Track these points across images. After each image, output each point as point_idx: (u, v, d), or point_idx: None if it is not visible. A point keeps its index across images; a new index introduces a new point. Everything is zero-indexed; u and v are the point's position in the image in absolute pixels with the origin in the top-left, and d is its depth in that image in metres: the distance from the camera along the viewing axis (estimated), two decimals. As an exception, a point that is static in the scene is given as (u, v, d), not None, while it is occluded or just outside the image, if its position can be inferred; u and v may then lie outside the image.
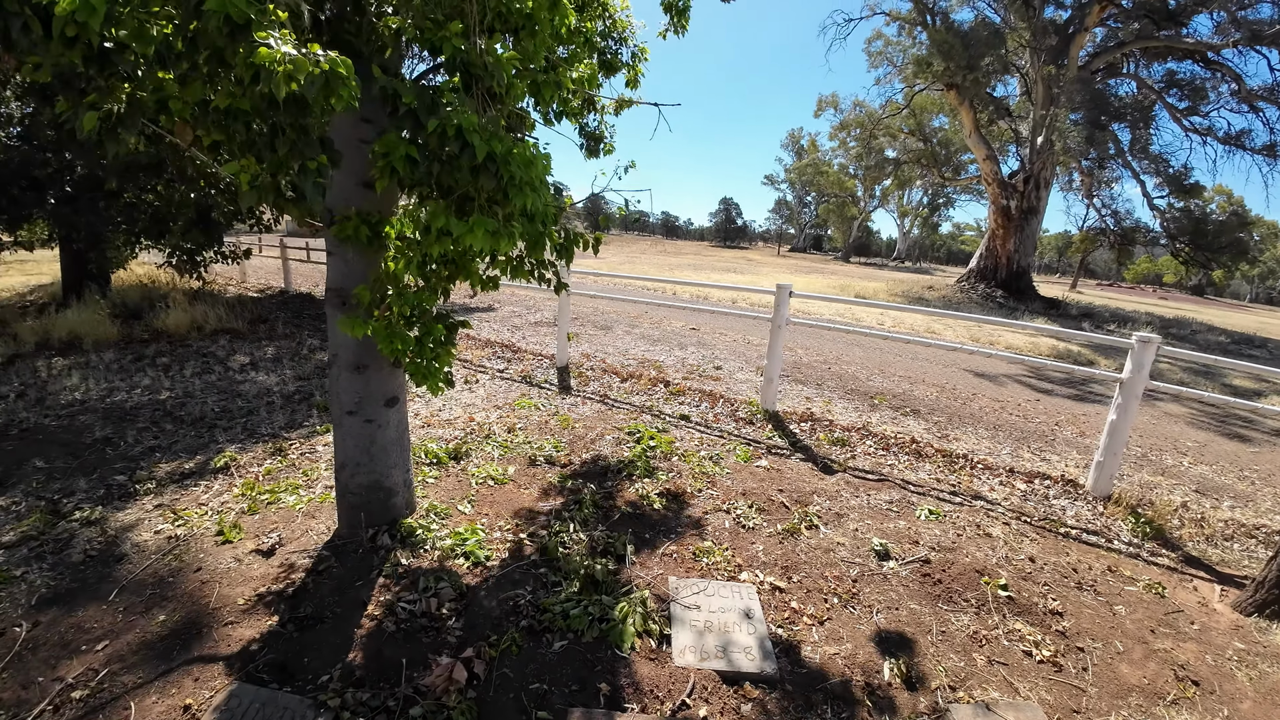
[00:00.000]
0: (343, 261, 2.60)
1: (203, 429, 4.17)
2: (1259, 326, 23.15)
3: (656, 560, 2.89)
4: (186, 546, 2.75)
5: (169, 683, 1.98)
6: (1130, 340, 4.01)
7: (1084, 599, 2.90)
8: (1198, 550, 3.58)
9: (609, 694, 2.02)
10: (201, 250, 8.09)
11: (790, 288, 5.15)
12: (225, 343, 6.55)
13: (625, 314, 10.91)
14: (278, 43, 1.42)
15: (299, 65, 1.41)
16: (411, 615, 2.31)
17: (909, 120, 23.98)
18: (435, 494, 3.38)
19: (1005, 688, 2.26)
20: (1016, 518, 3.74)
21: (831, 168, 50.02)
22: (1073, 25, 16.46)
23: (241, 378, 5.36)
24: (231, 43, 1.39)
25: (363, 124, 2.44)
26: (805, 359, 8.15)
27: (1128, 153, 17.35)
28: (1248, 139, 16.07)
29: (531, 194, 2.03)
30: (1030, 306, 17.24)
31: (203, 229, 7.54)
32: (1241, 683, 2.41)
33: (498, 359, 6.77)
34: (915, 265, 56.38)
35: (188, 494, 3.26)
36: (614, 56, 4.02)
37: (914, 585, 2.90)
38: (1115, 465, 4.15)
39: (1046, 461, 4.87)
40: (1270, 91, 15.05)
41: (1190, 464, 5.30)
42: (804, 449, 4.60)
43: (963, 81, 16.47)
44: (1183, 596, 3.05)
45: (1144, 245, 20.83)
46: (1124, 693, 2.30)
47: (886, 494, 3.91)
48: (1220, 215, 20.13)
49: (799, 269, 32.30)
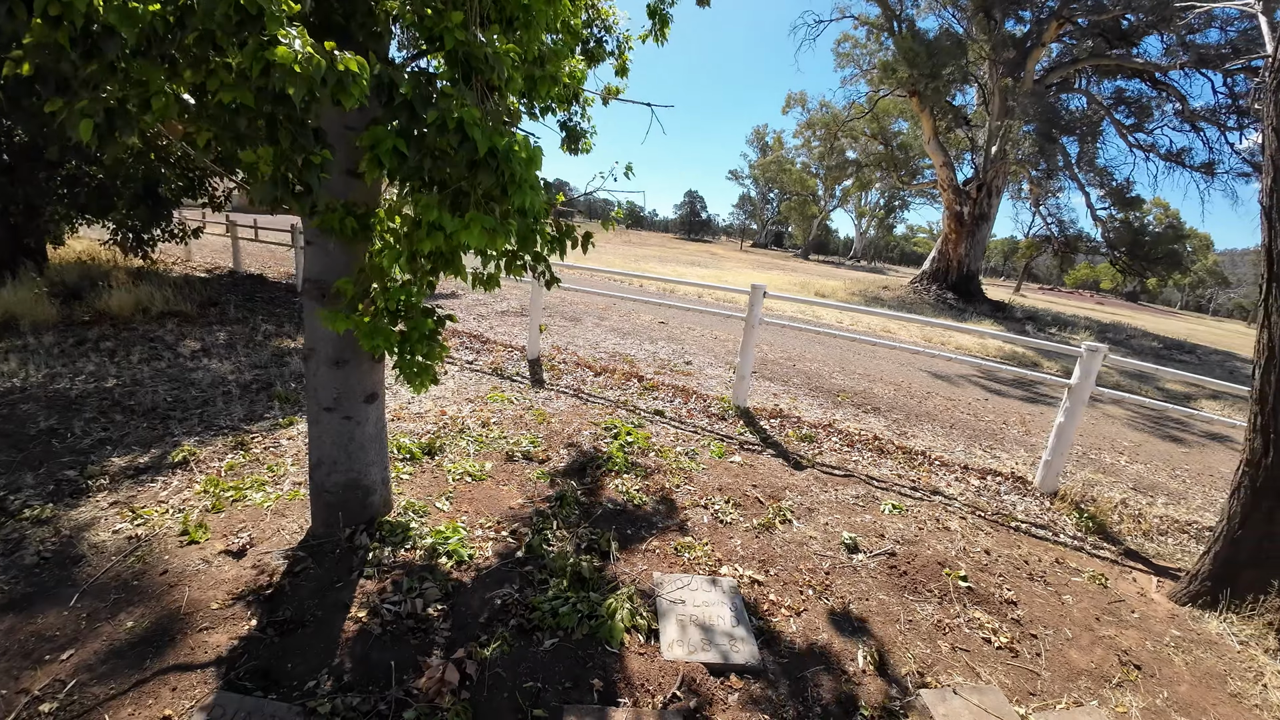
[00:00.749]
0: (324, 252, 2.51)
1: (155, 420, 3.94)
2: (1189, 332, 25.01)
3: (640, 556, 2.93)
4: (149, 547, 2.62)
5: (144, 693, 1.89)
6: (1079, 348, 4.28)
7: (1035, 589, 3.11)
8: (1136, 544, 3.88)
9: (602, 690, 2.05)
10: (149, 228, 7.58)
11: (765, 288, 5.26)
12: (173, 327, 6.19)
13: (593, 306, 10.88)
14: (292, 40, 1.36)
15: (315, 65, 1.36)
16: (397, 617, 2.28)
17: (871, 123, 24.64)
18: (411, 491, 3.32)
19: (968, 672, 2.42)
20: (972, 512, 3.96)
21: (795, 166, 50.94)
22: (1030, 40, 17.24)
23: (193, 365, 5.09)
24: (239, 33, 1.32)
25: (350, 111, 2.35)
26: (771, 356, 8.34)
27: (1075, 165, 18.38)
28: (1188, 156, 17.22)
29: (531, 192, 2.01)
30: (979, 309, 18.10)
31: (150, 205, 7.07)
32: (1179, 667, 2.64)
33: (466, 349, 6.65)
34: (871, 265, 58.20)
35: (145, 490, 3.09)
36: (598, 45, 3.99)
37: (882, 577, 3.05)
38: (1061, 464, 4.44)
39: (997, 459, 5.16)
40: (1212, 113, 16.19)
41: (1128, 463, 5.72)
42: (774, 445, 4.73)
43: (925, 89, 17.03)
44: (1124, 587, 3.31)
45: (1085, 253, 22.18)
46: (1074, 676, 2.49)
47: (853, 489, 4.07)
48: (1158, 227, 21.62)
49: (761, 265, 32.85)
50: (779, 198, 63.48)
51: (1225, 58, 14.59)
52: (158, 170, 6.76)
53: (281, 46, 1.35)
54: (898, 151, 25.96)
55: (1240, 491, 3.07)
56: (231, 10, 1.30)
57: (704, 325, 10.20)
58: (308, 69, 1.35)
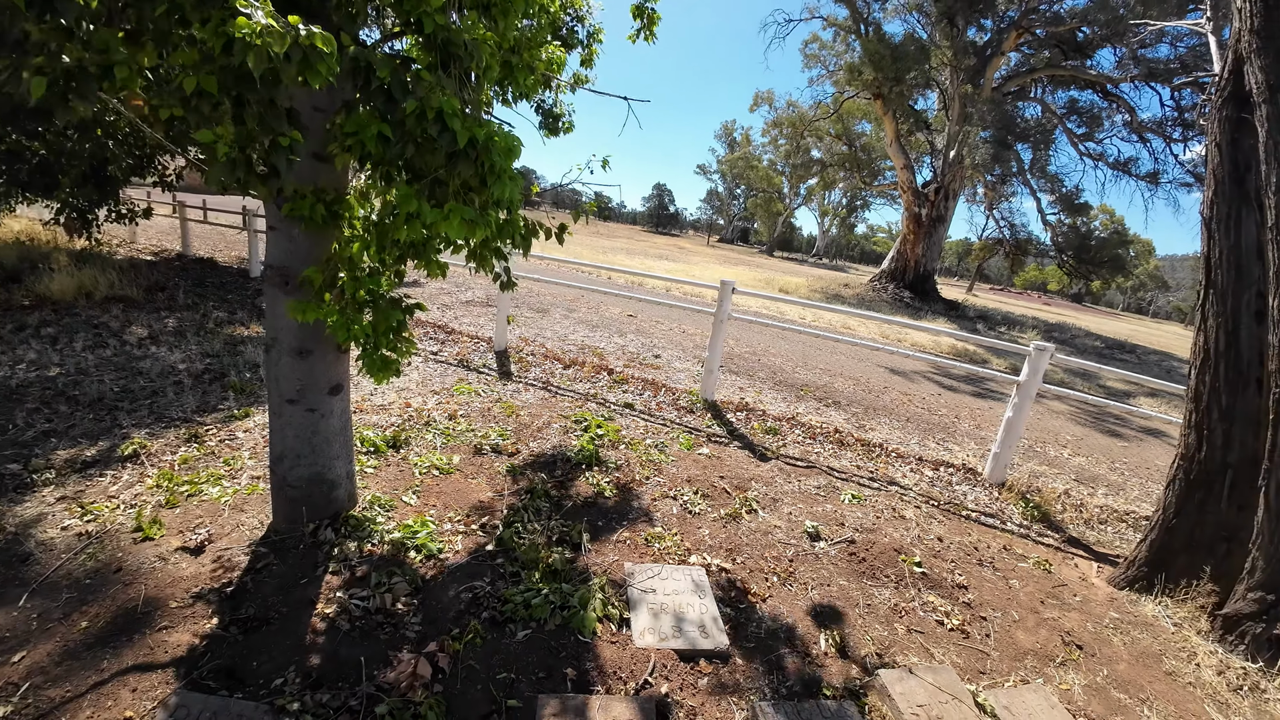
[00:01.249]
0: (287, 239, 2.43)
1: (103, 411, 3.75)
2: (1129, 333, 26.54)
3: (611, 547, 2.97)
4: (101, 544, 2.50)
5: (103, 694, 1.81)
6: (1026, 347, 4.51)
7: (985, 574, 3.29)
8: (1078, 532, 4.14)
9: (575, 678, 2.08)
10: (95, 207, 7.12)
11: (734, 284, 5.35)
12: (119, 312, 5.86)
13: (562, 297, 10.81)
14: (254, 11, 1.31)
15: (277, 39, 1.32)
16: (366, 612, 2.25)
17: (836, 124, 25.14)
18: (377, 485, 3.26)
19: (923, 653, 2.55)
20: (926, 501, 4.15)
21: (761, 163, 51.58)
22: (990, 48, 17.90)
23: (141, 353, 4.84)
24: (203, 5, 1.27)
25: (320, 91, 2.28)
26: (737, 350, 8.48)
27: (1028, 171, 19.26)
28: (1134, 166, 18.25)
29: (510, 184, 2.00)
30: (933, 307, 18.79)
31: (96, 183, 6.64)
32: (1118, 647, 2.84)
33: (430, 340, 6.53)
34: (833, 263, 59.60)
35: (94, 485, 2.94)
36: (570, 33, 3.97)
37: (842, 563, 3.17)
38: (1009, 456, 4.69)
39: (949, 451, 5.40)
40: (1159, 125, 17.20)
41: (1070, 456, 6.07)
42: (741, 437, 4.83)
43: (889, 92, 17.48)
44: (1066, 572, 3.53)
45: (1035, 256, 23.26)
46: (1021, 655, 2.65)
47: (815, 480, 4.20)
48: (1103, 233, 22.85)
49: (728, 260, 33.19)
50: (746, 194, 64.19)
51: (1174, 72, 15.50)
52: (105, 146, 6.36)
53: (241, 17, 1.30)
54: (861, 153, 26.59)
55: (1175, 483, 3.30)
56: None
57: (673, 319, 10.27)
58: (268, 42, 1.31)
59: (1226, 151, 3.16)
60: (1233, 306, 3.12)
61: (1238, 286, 3.12)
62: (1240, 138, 3.12)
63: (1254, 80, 2.91)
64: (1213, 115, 3.24)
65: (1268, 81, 2.84)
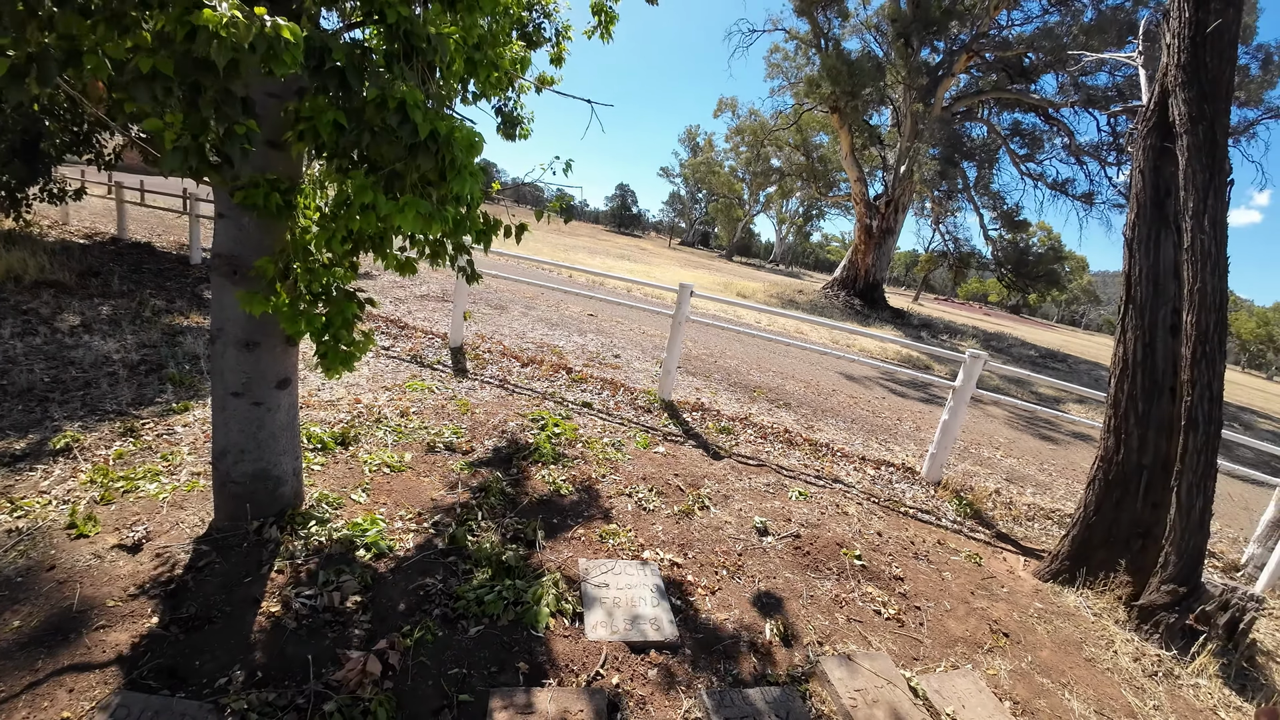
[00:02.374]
0: (237, 227, 2.36)
1: (32, 402, 3.52)
2: (1062, 343, 28.28)
3: (566, 544, 3.00)
4: (33, 542, 2.36)
5: (38, 695, 1.74)
6: (964, 355, 4.80)
7: (920, 567, 3.50)
8: (1007, 528, 4.43)
9: (528, 672, 2.11)
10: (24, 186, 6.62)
11: (692, 288, 5.46)
12: (49, 298, 5.48)
13: (521, 294, 10.73)
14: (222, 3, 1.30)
15: (243, 29, 1.31)
16: (313, 610, 2.21)
17: (796, 135, 25.83)
18: (324, 483, 3.19)
19: (861, 641, 2.70)
20: (867, 498, 4.36)
21: (723, 169, 52.36)
22: (942, 69, 18.77)
23: (73, 342, 4.56)
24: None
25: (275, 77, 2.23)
26: (695, 352, 8.63)
27: (972, 188, 20.31)
28: (1071, 187, 19.44)
29: (470, 179, 2.01)
30: (881, 315, 19.57)
31: (26, 161, 6.17)
32: (1041, 635, 3.06)
33: (382, 335, 6.38)
34: (788, 269, 60.96)
35: (23, 479, 2.77)
36: (536, 30, 3.96)
37: (788, 557, 3.31)
38: (945, 456, 4.97)
39: (890, 451, 5.68)
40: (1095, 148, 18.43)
41: (1003, 457, 6.47)
42: (696, 436, 4.95)
43: (845, 106, 18.08)
44: (995, 565, 3.77)
45: (977, 268, 24.53)
46: (952, 643, 2.84)
47: (765, 477, 4.35)
48: (1041, 248, 24.26)
49: (688, 263, 33.58)
50: (707, 198, 65.03)
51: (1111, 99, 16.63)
52: (39, 121, 5.93)
53: (207, 9, 1.29)
54: (818, 164, 27.40)
55: (1095, 483, 3.58)
56: None
57: (633, 319, 10.35)
58: (233, 33, 1.30)
59: (1149, 178, 3.44)
60: (1150, 320, 3.40)
61: (1155, 302, 3.40)
62: (1162, 165, 3.39)
63: (1177, 112, 3.18)
64: (1138, 144, 3.51)
65: (1189, 114, 3.11)
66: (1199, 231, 3.04)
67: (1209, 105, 3.06)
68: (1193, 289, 3.09)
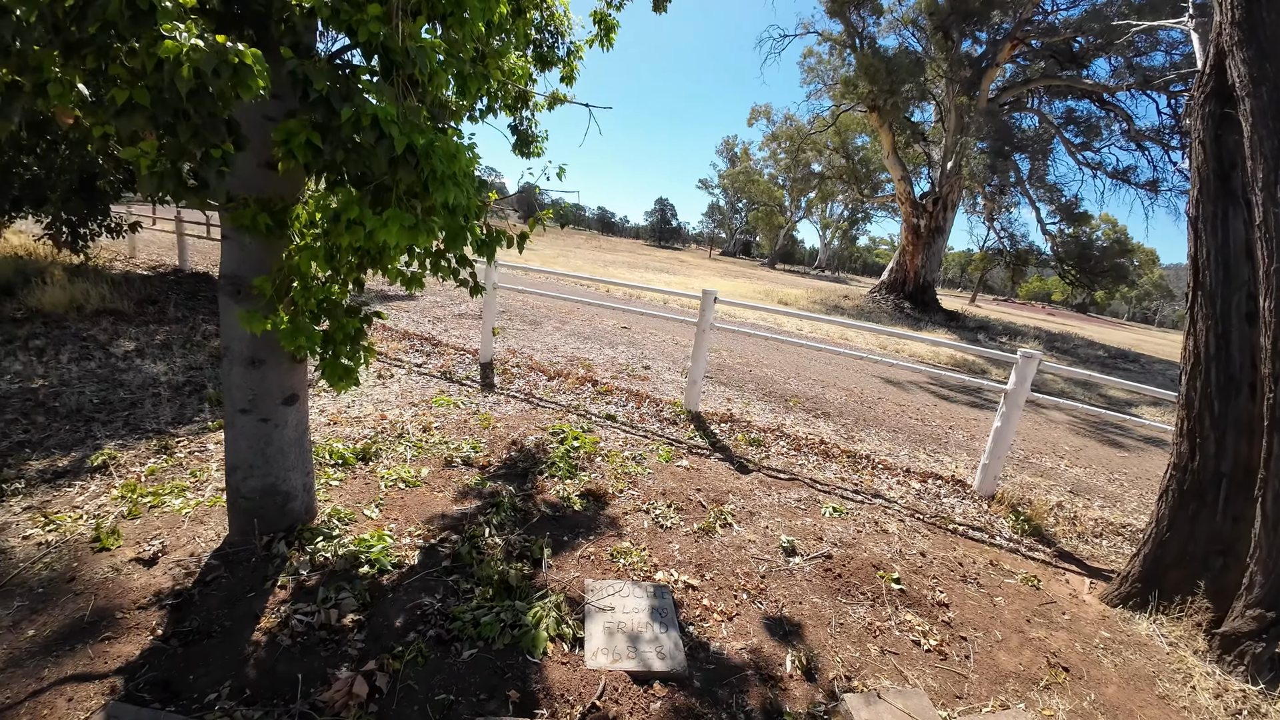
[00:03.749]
0: (239, 247, 2.41)
1: (79, 422, 3.73)
2: (1134, 343, 26.26)
3: (574, 562, 2.89)
4: (59, 554, 2.47)
5: (40, 703, 1.78)
6: (1015, 355, 4.43)
7: (968, 591, 3.18)
8: (1070, 546, 4.01)
9: (519, 701, 2.00)
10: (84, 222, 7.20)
11: (715, 293, 5.30)
12: (108, 325, 5.88)
13: (556, 310, 10.80)
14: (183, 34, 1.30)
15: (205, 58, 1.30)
16: (309, 628, 2.18)
17: (834, 137, 25.25)
18: (339, 498, 3.21)
19: (895, 676, 2.44)
20: (911, 515, 4.05)
21: (762, 177, 51.76)
22: (986, 60, 17.95)
23: (125, 365, 4.84)
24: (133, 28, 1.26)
25: (270, 100, 2.26)
26: (729, 361, 8.41)
27: (1026, 181, 19.18)
28: (1133, 174, 17.97)
29: (454, 188, 1.96)
30: (933, 318, 18.67)
31: (85, 198, 6.71)
32: (1107, 669, 2.71)
33: (416, 352, 6.51)
34: (834, 275, 59.52)
35: (61, 495, 2.92)
36: (550, 50, 3.97)
37: (816, 580, 3.07)
38: (999, 467, 4.58)
39: (940, 463, 5.29)
40: (1156, 132, 17.00)
41: (1067, 467, 5.93)
42: (723, 449, 4.75)
43: (884, 105, 17.53)
44: (1056, 589, 3.40)
45: (1036, 266, 23.12)
46: (1002, 679, 2.53)
47: (796, 492, 4.11)
48: (1104, 242, 22.63)
49: (728, 273, 33.23)
50: (747, 207, 64.44)
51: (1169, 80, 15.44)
52: (95, 162, 6.44)
53: (169, 41, 1.29)
54: (859, 165, 26.65)
55: (1168, 494, 3.18)
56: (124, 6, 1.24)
57: (666, 330, 10.23)
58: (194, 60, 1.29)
59: (1210, 149, 3.09)
60: (1222, 308, 3.02)
61: (1226, 288, 3.02)
62: (1224, 134, 3.03)
63: (1236, 74, 2.84)
64: (1196, 113, 3.17)
65: (1250, 75, 2.77)
66: (1271, 205, 2.66)
67: (1270, 65, 2.70)
68: (1269, 270, 2.71)
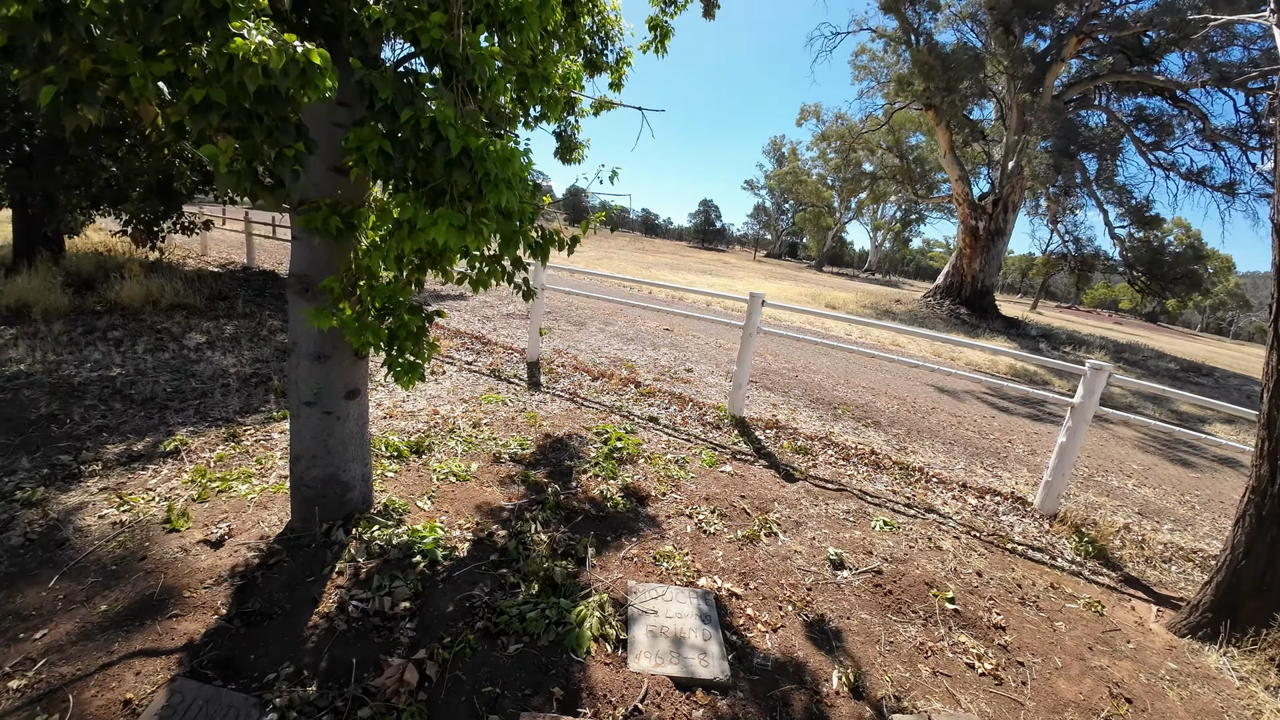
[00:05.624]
0: (308, 248, 2.53)
1: (153, 410, 4.00)
2: (1207, 355, 24.44)
3: (617, 563, 2.90)
4: (131, 533, 2.65)
5: (109, 675, 1.91)
6: (1083, 367, 4.18)
7: (1026, 614, 3.02)
8: (1137, 571, 3.76)
9: (562, 698, 2.02)
10: (159, 220, 7.73)
11: (763, 296, 5.22)
12: (181, 319, 6.30)
13: (600, 311, 10.89)
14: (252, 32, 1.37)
15: (274, 57, 1.37)
16: (364, 614, 2.27)
17: (887, 136, 24.50)
18: (394, 489, 3.32)
19: (947, 699, 2.34)
20: (966, 532, 3.87)
21: (810, 177, 50.73)
22: (1050, 55, 17.05)
23: (196, 357, 5.16)
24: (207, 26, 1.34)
25: (338, 107, 2.37)
26: (774, 366, 8.27)
27: (1093, 182, 18.08)
28: (1208, 176, 16.69)
29: (507, 191, 2.00)
30: (992, 325, 17.83)
31: (161, 197, 7.21)
32: (1173, 702, 2.53)
33: (466, 350, 6.68)
34: (885, 278, 57.76)
35: (135, 478, 3.13)
36: (599, 56, 4.00)
37: (865, 595, 2.98)
38: (1063, 485, 4.33)
39: (998, 478, 5.05)
40: (1234, 132, 15.70)
41: (1135, 486, 5.56)
42: (768, 456, 4.67)
43: (941, 103, 16.90)
44: (1120, 615, 3.19)
45: (1103, 272, 21.78)
46: (1060, 707, 2.40)
47: (844, 504, 4.00)
48: (1177, 247, 21.11)
49: (773, 275, 32.73)
50: (794, 209, 63.28)
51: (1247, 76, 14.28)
52: (172, 164, 6.90)
53: (238, 39, 1.36)
54: (913, 165, 25.77)
55: (1245, 519, 2.96)
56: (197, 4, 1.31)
57: (710, 333, 10.16)
58: (263, 60, 1.36)
59: (1299, 152, 2.85)
60: (1309, 321, 2.79)
61: None
62: (1311, 136, 2.79)
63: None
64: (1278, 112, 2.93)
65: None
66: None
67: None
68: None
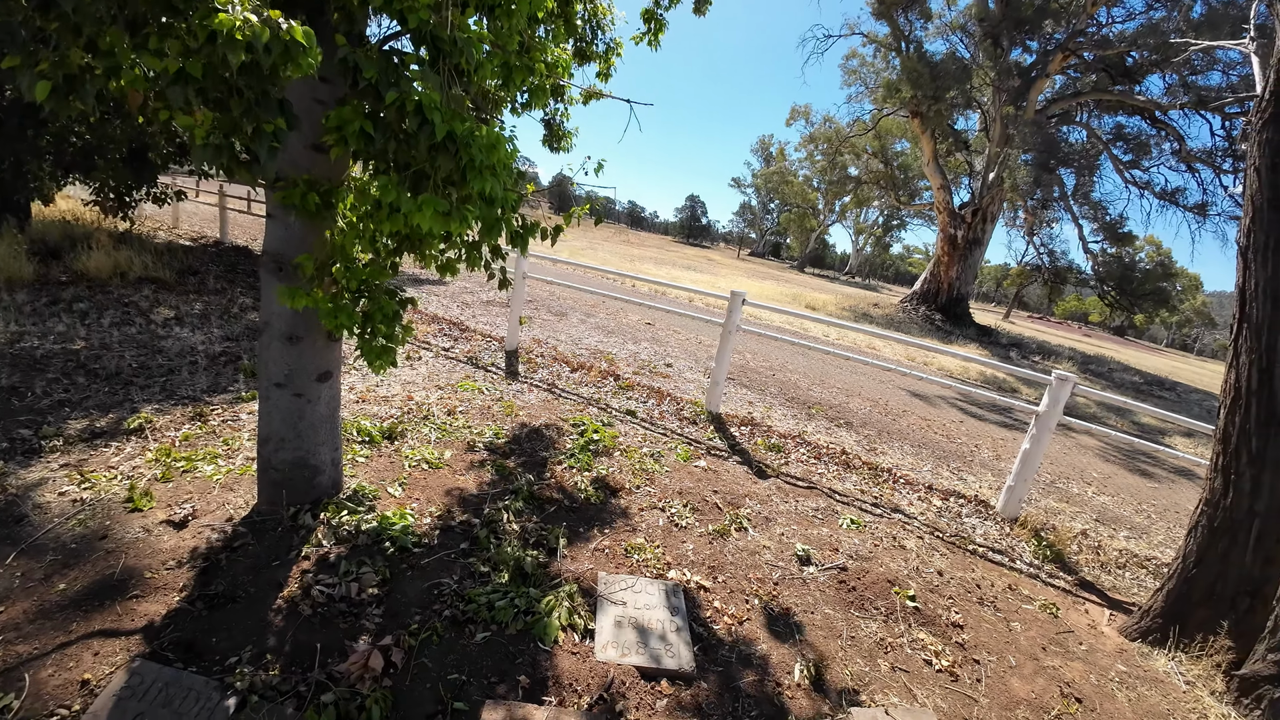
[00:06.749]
0: (283, 226, 2.47)
1: (118, 385, 3.88)
2: (1171, 370, 25.31)
3: (588, 554, 2.91)
4: (93, 512, 2.57)
5: (67, 655, 1.86)
6: (1049, 377, 4.31)
7: (984, 614, 3.12)
8: (1092, 575, 3.90)
9: (528, 687, 2.03)
10: (131, 190, 7.46)
11: (744, 295, 5.26)
12: (150, 293, 6.10)
13: (582, 302, 10.85)
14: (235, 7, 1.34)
15: (257, 32, 1.34)
16: (330, 599, 2.24)
17: (873, 141, 24.79)
18: (365, 474, 3.28)
19: (904, 693, 2.42)
20: (930, 532, 3.98)
21: (796, 178, 51.06)
22: (1035, 70, 17.40)
23: (164, 333, 5.02)
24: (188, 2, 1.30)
25: (320, 84, 2.32)
26: (753, 364, 8.35)
27: (1070, 197, 18.56)
28: (1182, 196, 17.23)
29: (491, 178, 1.99)
30: (965, 332, 18.24)
31: (134, 167, 6.95)
32: (1121, 703, 2.64)
33: (444, 336, 6.60)
34: (865, 282, 58.52)
35: (97, 455, 3.04)
36: (589, 45, 3.97)
37: (830, 591, 3.05)
38: (1025, 490, 4.47)
39: (963, 481, 5.19)
40: (1209, 154, 16.24)
41: (1095, 494, 5.76)
42: (741, 452, 4.73)
43: (927, 110, 17.14)
44: (1074, 618, 3.32)
45: (1074, 285, 22.39)
46: (1012, 705, 2.49)
47: (814, 501, 4.07)
48: (1148, 264, 21.82)
49: (756, 274, 32.95)
50: (779, 208, 63.67)
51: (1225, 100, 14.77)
52: (145, 133, 6.65)
53: (222, 14, 1.33)
54: (897, 171, 26.14)
55: (1197, 530, 3.09)
56: None
57: (690, 329, 10.20)
58: (247, 35, 1.33)
59: (1266, 177, 2.97)
60: (1268, 342, 2.91)
61: (1275, 320, 2.90)
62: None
63: (1297, 102, 2.73)
64: (1252, 138, 3.05)
65: (1313, 106, 2.66)
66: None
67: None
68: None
